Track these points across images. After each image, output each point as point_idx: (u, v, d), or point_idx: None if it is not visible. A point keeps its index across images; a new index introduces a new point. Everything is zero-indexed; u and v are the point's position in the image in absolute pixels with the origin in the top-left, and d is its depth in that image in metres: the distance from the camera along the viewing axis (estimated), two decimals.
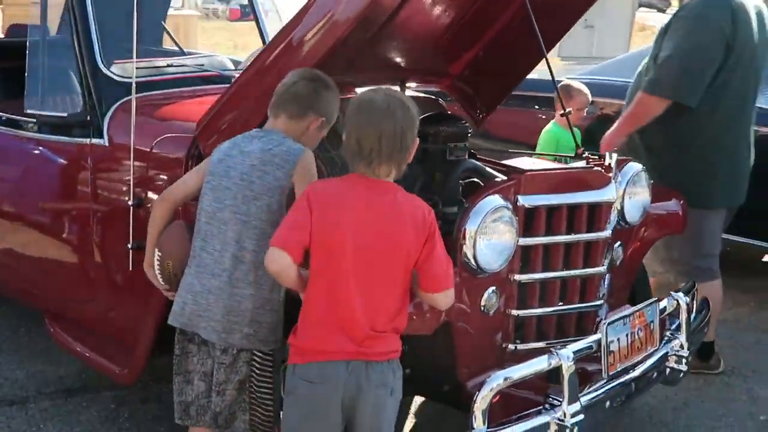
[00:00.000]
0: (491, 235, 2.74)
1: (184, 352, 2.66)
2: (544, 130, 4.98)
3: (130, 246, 3.27)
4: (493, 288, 2.82)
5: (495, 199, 2.75)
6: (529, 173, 2.92)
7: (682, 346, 3.14)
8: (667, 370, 3.14)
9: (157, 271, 2.75)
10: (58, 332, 3.64)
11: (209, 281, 2.56)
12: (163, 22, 5.16)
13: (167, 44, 5.18)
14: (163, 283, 2.78)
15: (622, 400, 2.95)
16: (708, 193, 3.75)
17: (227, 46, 14.75)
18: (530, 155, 4.13)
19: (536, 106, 5.86)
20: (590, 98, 4.90)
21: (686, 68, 3.69)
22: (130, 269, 3.30)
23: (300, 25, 2.90)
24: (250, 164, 2.57)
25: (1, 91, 4.25)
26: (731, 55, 3.69)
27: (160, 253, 2.72)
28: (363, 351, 2.26)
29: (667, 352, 3.11)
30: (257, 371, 2.59)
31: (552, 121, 4.96)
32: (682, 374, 3.17)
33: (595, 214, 3.00)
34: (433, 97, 4.11)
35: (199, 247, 2.62)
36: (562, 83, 4.81)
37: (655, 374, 3.07)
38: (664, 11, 28.68)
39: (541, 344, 2.96)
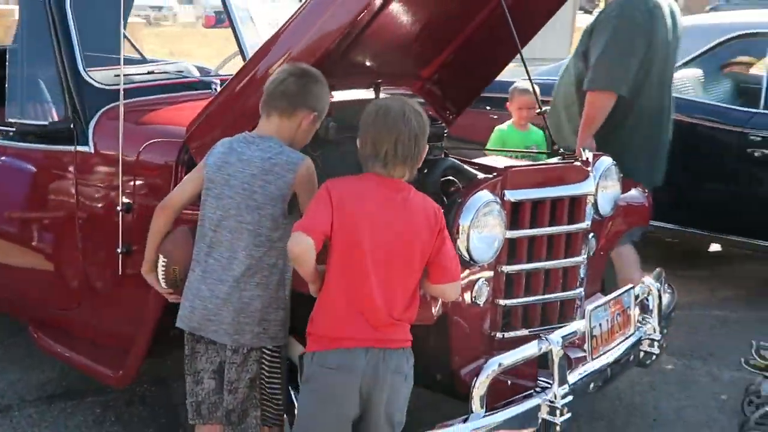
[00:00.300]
0: (482, 229, 2.87)
1: (192, 352, 2.73)
2: (496, 128, 5.17)
3: (119, 250, 3.33)
4: (483, 279, 2.96)
5: (485, 194, 2.89)
6: (515, 169, 3.07)
7: (654, 330, 3.33)
8: (641, 353, 3.33)
9: (161, 276, 2.80)
10: (43, 339, 3.65)
11: (217, 287, 2.63)
12: (124, 30, 5.20)
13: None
14: (166, 287, 2.83)
15: (600, 384, 3.12)
16: (629, 175, 3.93)
17: (162, 53, 14.67)
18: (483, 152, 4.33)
19: (488, 107, 6.01)
20: (534, 99, 5.05)
21: (617, 61, 4.06)
22: (120, 273, 3.36)
23: (285, 37, 2.99)
24: (250, 173, 2.63)
25: None
26: (650, 49, 4.09)
27: (165, 259, 2.77)
28: (382, 338, 2.39)
29: (641, 336, 3.30)
30: (267, 367, 2.68)
31: (508, 122, 5.14)
32: (654, 357, 3.36)
33: (576, 207, 3.17)
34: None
35: (204, 253, 2.68)
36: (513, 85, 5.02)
37: (632, 357, 3.26)
38: (590, 12, 29.47)
39: (525, 332, 3.12)
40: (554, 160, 3.37)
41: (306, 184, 2.64)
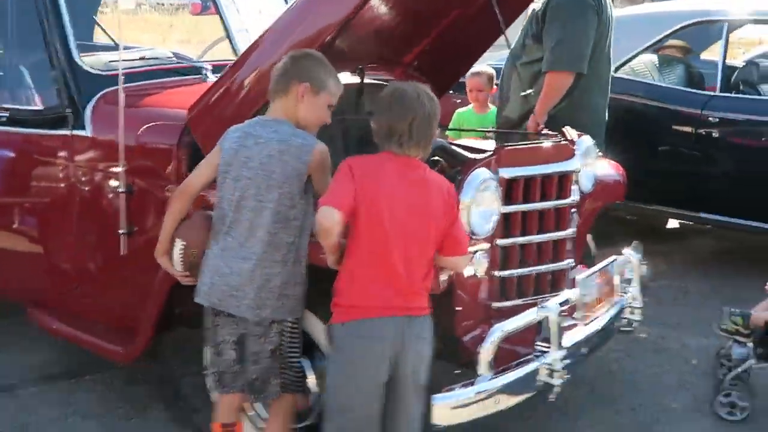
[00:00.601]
0: (481, 204, 3.03)
1: (213, 325, 2.84)
2: (456, 111, 5.38)
3: (122, 232, 3.41)
4: (482, 252, 3.12)
5: (483, 172, 3.05)
6: (509, 148, 3.24)
7: (635, 298, 3.54)
8: (624, 320, 3.53)
9: (179, 259, 2.88)
10: (45, 319, 3.72)
11: (238, 264, 2.73)
12: (95, 17, 5.23)
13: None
14: (181, 269, 2.92)
15: (590, 349, 3.31)
16: None
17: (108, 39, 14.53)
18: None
19: (450, 91, 6.18)
20: (485, 81, 5.27)
21: (576, 41, 4.29)
22: (123, 254, 3.44)
23: (283, 25, 3.15)
24: (268, 154, 2.73)
25: None
26: (599, 27, 4.35)
27: (184, 243, 2.86)
28: (405, 306, 2.54)
29: (624, 305, 3.50)
30: (287, 338, 2.81)
31: (470, 105, 5.37)
32: (636, 323, 3.57)
33: (564, 183, 3.35)
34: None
35: (223, 233, 2.78)
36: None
37: (616, 324, 3.46)
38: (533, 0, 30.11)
39: (519, 301, 3.29)
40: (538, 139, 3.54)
41: (320, 166, 2.76)
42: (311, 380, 2.99)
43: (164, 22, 19.61)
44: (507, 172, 3.18)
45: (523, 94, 3.75)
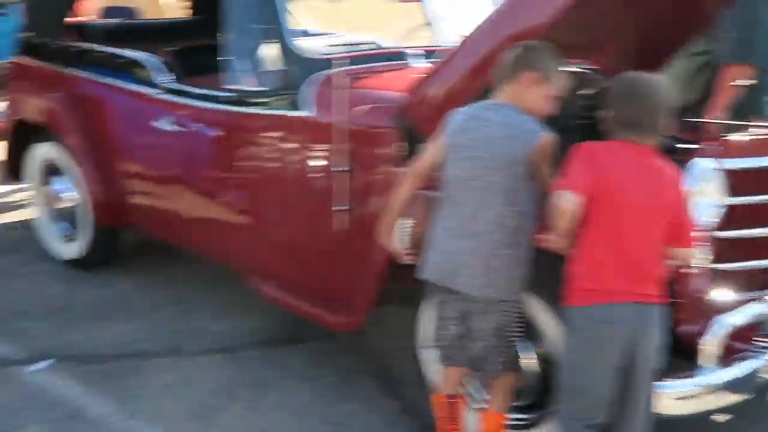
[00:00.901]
0: (705, 195, 2.99)
1: (437, 301, 2.96)
2: None
3: (340, 208, 3.58)
4: (704, 244, 3.08)
5: (708, 162, 3.00)
6: (733, 138, 3.18)
7: None
8: None
9: (405, 237, 3.03)
10: (268, 288, 3.97)
11: (463, 243, 2.83)
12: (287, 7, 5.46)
13: None
14: (406, 246, 3.05)
15: None
16: None
17: None
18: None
19: None
20: None
21: (753, 34, 4.08)
22: (343, 229, 3.62)
23: (502, 15, 3.23)
24: (494, 137, 2.81)
25: (181, 68, 4.55)
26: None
27: (413, 222, 3.00)
28: (643, 293, 2.58)
29: None
30: (509, 318, 2.89)
31: None
32: None
33: None
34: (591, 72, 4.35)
35: (449, 212, 2.88)
36: None
37: None
38: None
39: (739, 296, 3.21)
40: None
41: (543, 153, 2.80)
42: (529, 361, 3.06)
43: (325, 9, 20.06)
44: (731, 163, 3.12)
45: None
